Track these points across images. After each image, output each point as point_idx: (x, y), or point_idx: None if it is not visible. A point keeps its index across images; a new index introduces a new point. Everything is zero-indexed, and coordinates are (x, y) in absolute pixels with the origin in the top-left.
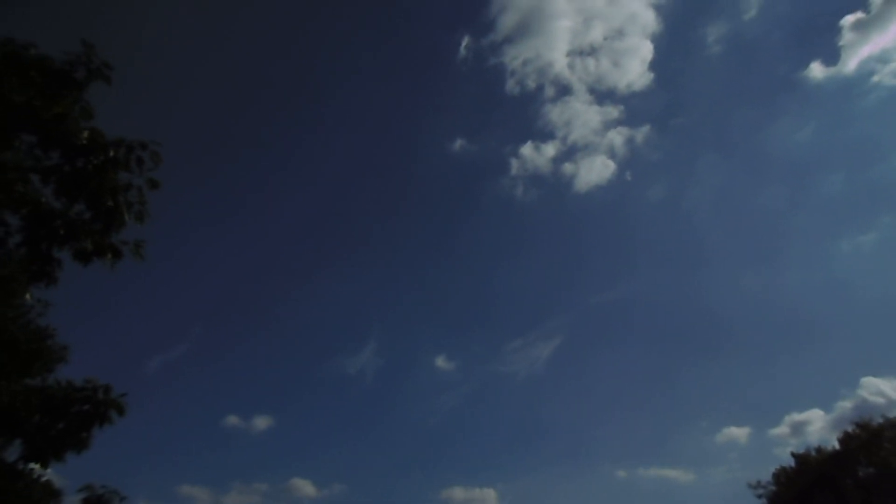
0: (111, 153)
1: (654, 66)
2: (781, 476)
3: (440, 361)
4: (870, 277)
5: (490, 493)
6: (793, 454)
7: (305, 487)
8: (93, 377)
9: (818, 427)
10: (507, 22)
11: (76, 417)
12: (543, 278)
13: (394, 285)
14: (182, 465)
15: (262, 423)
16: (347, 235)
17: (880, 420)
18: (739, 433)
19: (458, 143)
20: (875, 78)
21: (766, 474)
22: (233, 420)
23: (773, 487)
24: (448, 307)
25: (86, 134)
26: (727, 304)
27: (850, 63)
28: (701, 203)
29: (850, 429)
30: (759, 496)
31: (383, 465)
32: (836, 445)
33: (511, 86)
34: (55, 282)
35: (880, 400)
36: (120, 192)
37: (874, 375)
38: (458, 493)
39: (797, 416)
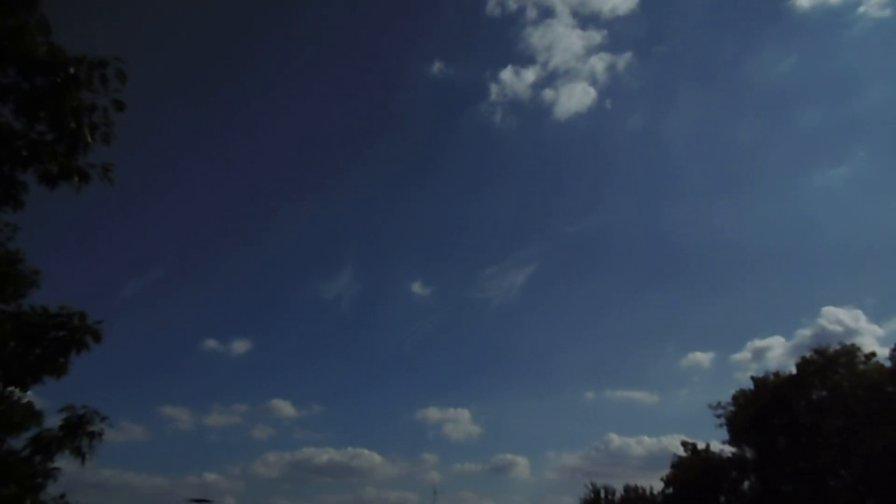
0: (72, 71)
1: None
2: (740, 398)
3: (416, 287)
4: (838, 211)
5: (464, 413)
6: (752, 378)
7: (285, 408)
8: (67, 304)
9: (778, 353)
10: None
11: (52, 343)
12: (520, 206)
13: (371, 211)
14: (162, 387)
15: (240, 346)
16: (324, 160)
17: (837, 347)
18: (703, 358)
19: (437, 67)
20: (861, 9)
21: (726, 397)
22: (211, 343)
23: (731, 408)
24: (425, 233)
25: (44, 50)
26: (698, 234)
27: None
28: (679, 133)
29: (807, 355)
30: (719, 416)
31: (360, 386)
32: (794, 370)
33: (492, 7)
34: (21, 205)
35: (838, 328)
36: (83, 113)
37: (834, 305)
38: (433, 413)
39: (759, 343)
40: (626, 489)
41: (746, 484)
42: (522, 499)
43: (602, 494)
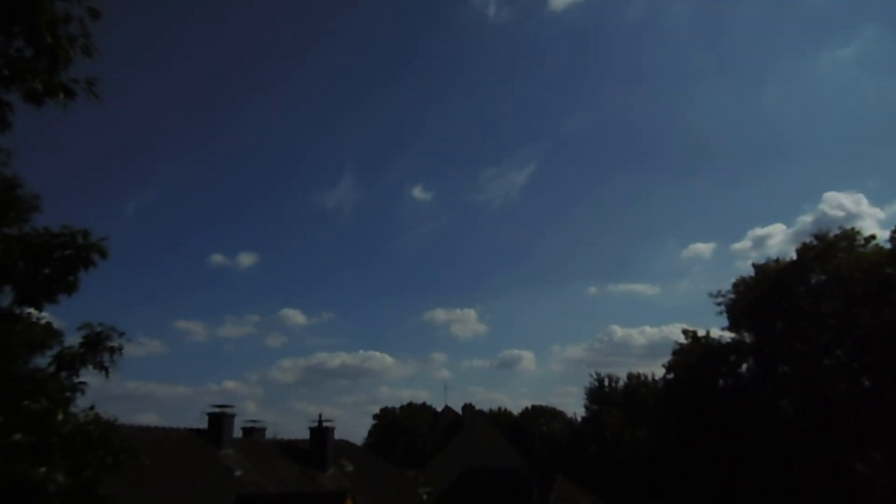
0: None
1: None
2: (740, 285)
3: (417, 192)
4: (845, 93)
5: (470, 313)
6: (753, 265)
7: (296, 317)
8: (69, 223)
9: (779, 241)
10: None
11: (60, 262)
12: (517, 105)
13: (365, 117)
14: (174, 302)
15: (247, 259)
16: (316, 60)
17: (837, 232)
18: (704, 248)
19: None
20: None
21: (727, 286)
22: (218, 258)
23: (732, 296)
24: (422, 136)
25: None
26: (700, 124)
27: None
28: (679, 20)
29: (808, 240)
30: (719, 304)
31: (368, 292)
32: (794, 256)
33: None
34: (9, 126)
35: (840, 213)
36: (59, 25)
37: (836, 190)
38: (439, 314)
39: (760, 231)
40: (629, 377)
41: (744, 367)
42: (529, 391)
43: (606, 383)
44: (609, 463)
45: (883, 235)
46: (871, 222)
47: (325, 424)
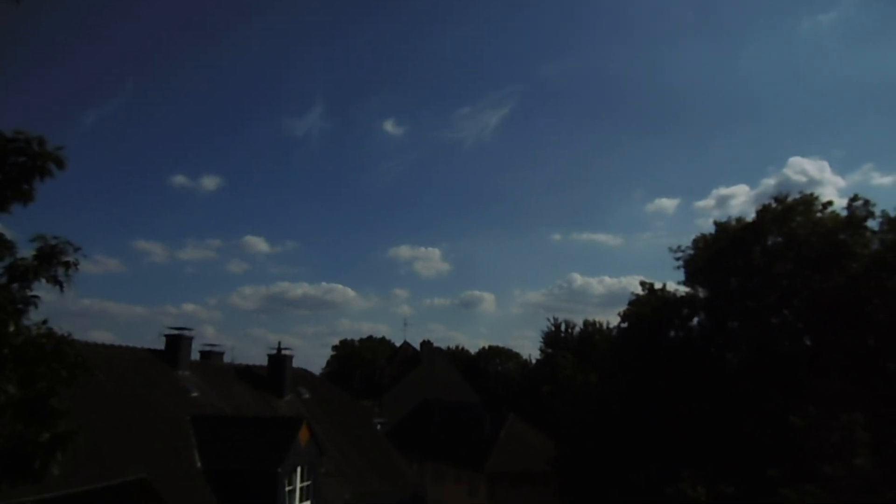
0: None
1: None
2: (700, 242)
3: (389, 126)
4: (822, 60)
5: (435, 252)
6: (714, 223)
7: (259, 244)
8: (23, 128)
9: (741, 201)
10: None
11: (14, 169)
12: (497, 45)
13: (342, 44)
14: (134, 222)
15: (210, 183)
16: None
17: (797, 196)
18: (669, 204)
19: None
20: None
21: (687, 241)
22: (180, 179)
23: (691, 252)
24: (398, 70)
25: None
26: (676, 81)
27: None
28: None
29: (768, 202)
30: (678, 259)
31: (334, 224)
32: (754, 217)
33: None
34: None
35: (802, 179)
36: None
37: (802, 155)
38: (404, 250)
39: (724, 190)
40: (586, 324)
41: (696, 320)
42: (488, 331)
43: (563, 328)
44: (560, 404)
45: (841, 203)
46: (832, 190)
47: (283, 352)
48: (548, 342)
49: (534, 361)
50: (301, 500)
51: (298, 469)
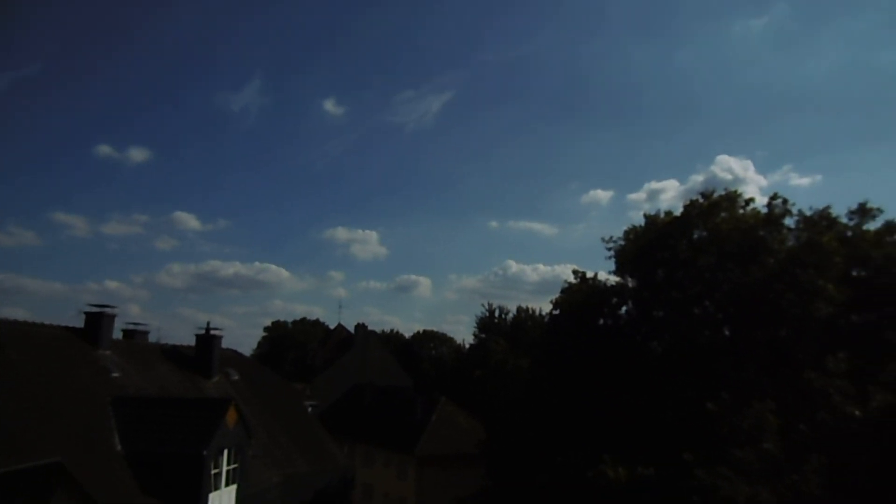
0: None
1: None
2: (631, 233)
3: (329, 105)
4: (751, 63)
5: (372, 235)
6: (644, 215)
7: (189, 221)
8: None
9: (671, 195)
10: None
11: None
12: (442, 28)
13: (282, 17)
14: (53, 192)
15: (138, 155)
16: None
17: (722, 192)
18: (603, 195)
19: None
20: None
21: (619, 233)
22: (105, 150)
23: (622, 243)
24: (340, 48)
25: None
26: (615, 77)
27: None
28: None
29: (695, 197)
30: (609, 249)
31: (269, 203)
32: (682, 211)
33: None
34: None
35: (728, 176)
36: None
37: (728, 154)
38: (341, 232)
39: (655, 185)
40: (519, 310)
41: (624, 309)
42: (423, 315)
43: (497, 314)
44: (491, 388)
45: (762, 201)
46: (754, 188)
47: (212, 332)
48: (482, 327)
49: (467, 346)
50: (227, 483)
51: (225, 452)
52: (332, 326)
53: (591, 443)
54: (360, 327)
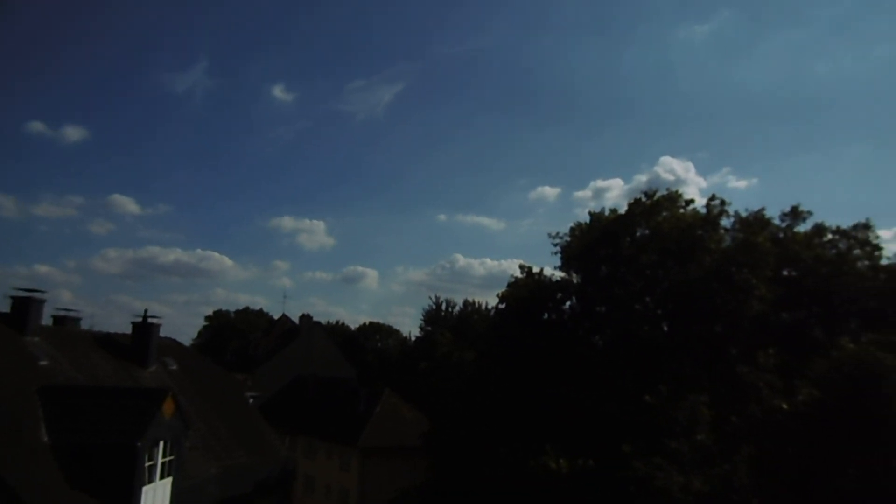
0: None
1: None
2: (576, 230)
3: (278, 91)
4: (694, 68)
5: (319, 225)
6: (590, 213)
7: (128, 205)
8: None
9: (616, 194)
10: None
11: None
12: (396, 17)
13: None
14: None
15: (74, 133)
16: None
17: (664, 192)
18: (550, 192)
19: None
20: None
21: (565, 229)
22: (37, 126)
23: (567, 239)
24: (291, 33)
25: None
26: (565, 76)
27: None
28: None
29: (639, 196)
30: (556, 245)
31: (213, 188)
32: (626, 209)
33: None
34: None
35: (671, 177)
36: None
37: (671, 155)
38: (287, 222)
39: (601, 183)
40: (465, 303)
41: (568, 304)
42: (369, 308)
43: (443, 307)
44: (436, 380)
45: (701, 202)
46: (695, 189)
47: (150, 320)
48: (428, 320)
49: (413, 339)
50: (162, 476)
51: (161, 443)
52: (276, 317)
53: (534, 435)
54: (305, 318)
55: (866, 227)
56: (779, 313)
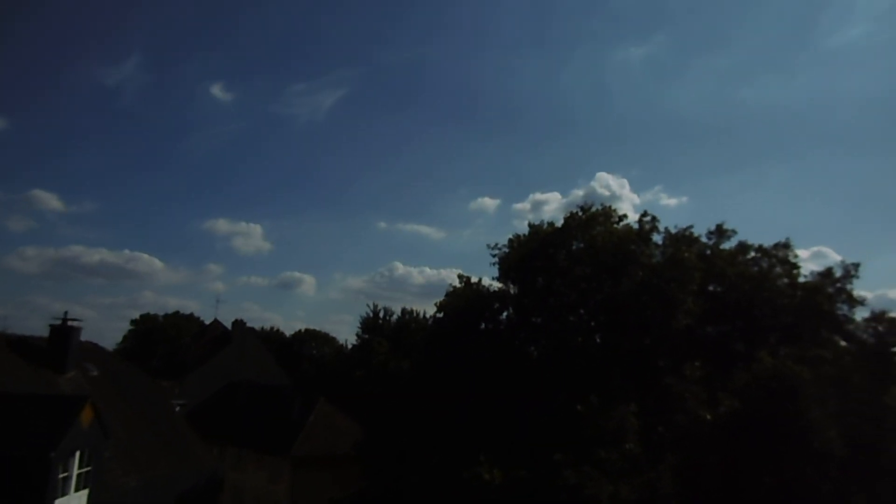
0: None
1: None
2: (514, 241)
3: (216, 90)
4: (630, 88)
5: (256, 229)
6: (528, 224)
7: (50, 201)
8: None
9: (554, 207)
10: None
11: None
12: (341, 21)
13: None
14: None
15: None
16: None
17: (599, 207)
18: (490, 203)
19: None
20: None
21: (504, 240)
22: None
23: (506, 250)
24: (231, 30)
25: None
26: (507, 89)
27: None
28: None
29: (575, 210)
30: (494, 256)
31: (144, 187)
32: (562, 223)
33: None
34: None
35: (606, 192)
36: None
37: (607, 171)
38: (222, 224)
39: (540, 196)
40: (403, 312)
41: (505, 314)
42: (306, 314)
43: (381, 315)
44: (371, 388)
45: (634, 217)
46: (629, 205)
47: (70, 323)
48: (365, 328)
49: (350, 347)
50: (78, 488)
51: (77, 454)
52: (207, 322)
53: (468, 444)
54: (238, 323)
55: (786, 246)
56: (704, 327)
